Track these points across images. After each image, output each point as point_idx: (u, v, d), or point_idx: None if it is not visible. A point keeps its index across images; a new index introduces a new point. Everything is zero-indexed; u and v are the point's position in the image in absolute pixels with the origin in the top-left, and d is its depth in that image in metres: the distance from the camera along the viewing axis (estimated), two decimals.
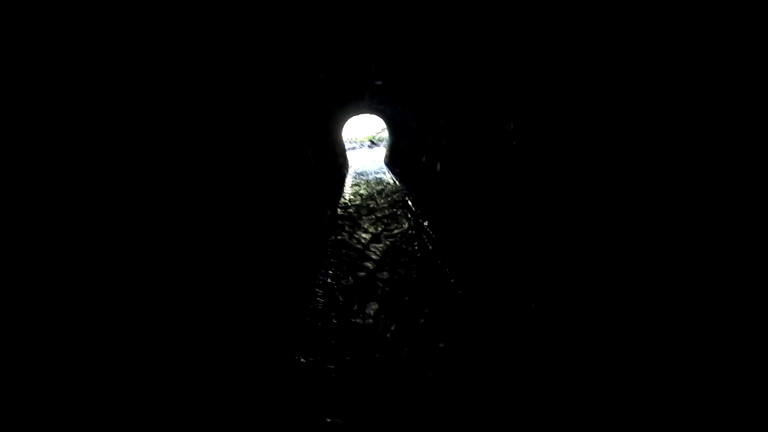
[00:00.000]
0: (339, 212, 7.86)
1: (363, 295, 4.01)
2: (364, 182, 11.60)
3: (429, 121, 7.78)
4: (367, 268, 4.74)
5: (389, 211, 7.75)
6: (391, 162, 13.37)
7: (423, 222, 6.49)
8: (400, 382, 2.75)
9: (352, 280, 4.36)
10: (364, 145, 25.29)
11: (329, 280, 4.32)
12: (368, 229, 6.55)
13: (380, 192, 9.83)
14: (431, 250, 5.22)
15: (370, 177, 12.52)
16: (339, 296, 3.98)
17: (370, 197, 9.31)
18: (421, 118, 8.31)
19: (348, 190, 10.49)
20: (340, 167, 10.98)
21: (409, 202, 8.20)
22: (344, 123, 13.20)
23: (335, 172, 9.64)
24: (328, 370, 2.89)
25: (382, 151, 20.84)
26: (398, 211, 7.63)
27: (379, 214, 7.58)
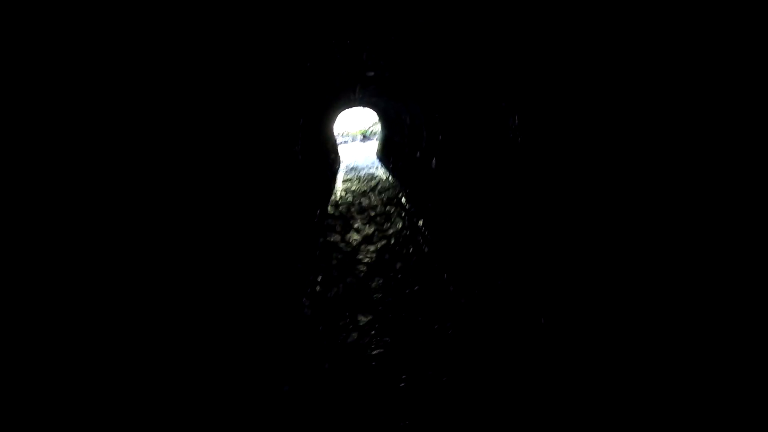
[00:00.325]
0: (330, 211, 7.52)
1: (354, 305, 3.70)
2: (356, 178, 11.25)
3: (424, 115, 7.44)
4: (359, 274, 4.43)
5: (382, 209, 7.43)
6: (384, 156, 13.03)
7: (418, 221, 6.18)
8: (395, 407, 2.44)
9: (342, 288, 4.04)
10: (356, 138, 24.88)
11: (318, 288, 4.00)
12: (360, 230, 6.23)
13: (373, 188, 9.50)
14: (427, 252, 4.91)
15: (362, 173, 12.18)
16: (328, 306, 3.66)
17: (362, 194, 8.98)
18: (416, 111, 7.98)
19: (339, 186, 10.14)
20: (331, 163, 10.62)
21: (402, 199, 7.88)
22: (336, 117, 12.82)
23: (326, 169, 9.28)
24: (316, 396, 2.58)
25: (374, 145, 20.45)
26: (391, 209, 7.31)
27: (372, 213, 7.26)
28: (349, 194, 9.11)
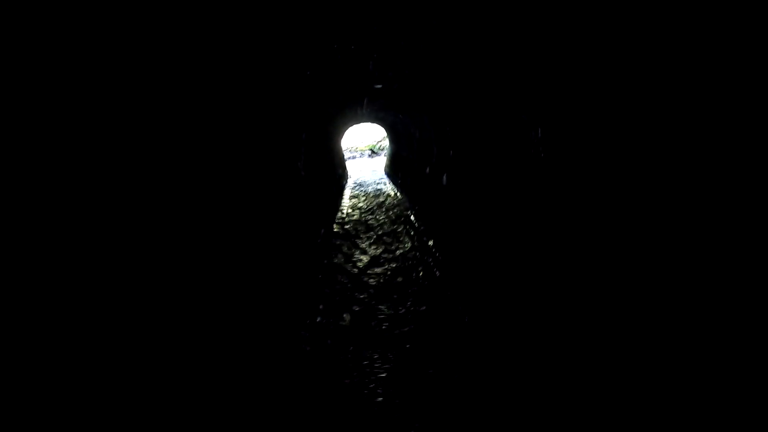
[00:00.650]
0: (335, 229, 7.18)
1: (359, 339, 3.31)
2: (363, 194, 10.95)
3: (433, 130, 7.14)
4: (365, 301, 4.05)
5: (390, 227, 7.08)
6: (392, 172, 12.74)
7: (428, 242, 5.80)
8: None
9: (347, 319, 3.66)
10: (364, 154, 24.72)
11: (319, 319, 3.63)
12: (367, 250, 5.86)
13: (380, 205, 9.16)
14: (438, 277, 4.52)
15: (370, 188, 11.88)
16: (329, 340, 3.28)
17: (369, 211, 8.65)
18: (425, 126, 7.68)
19: (346, 203, 9.83)
20: (338, 179, 10.34)
21: (411, 217, 7.52)
22: (343, 132, 12.61)
23: (333, 185, 8.99)
24: None
25: (382, 161, 20.25)
26: (399, 228, 6.95)
27: (379, 232, 6.90)
28: (356, 211, 8.78)
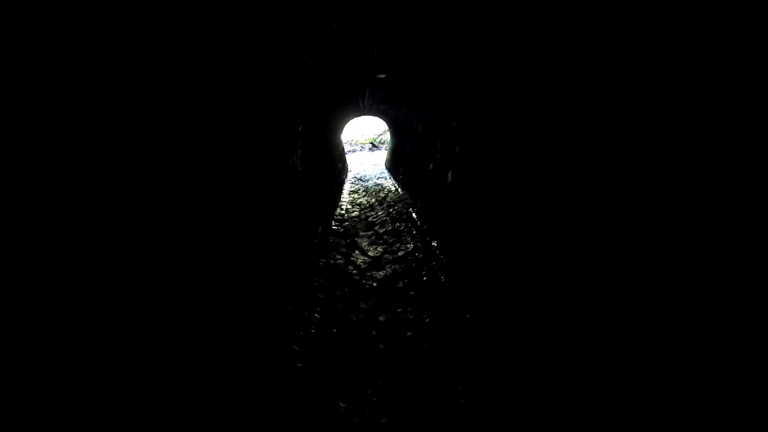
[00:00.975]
0: (334, 227, 6.85)
1: (358, 352, 3.00)
2: (363, 189, 10.61)
3: (439, 124, 6.79)
4: (365, 309, 3.73)
5: (391, 226, 6.75)
6: (393, 167, 12.39)
7: (432, 242, 5.48)
8: None
9: (344, 330, 3.35)
10: (365, 147, 24.31)
11: (312, 330, 3.31)
12: (367, 251, 5.54)
13: (381, 201, 8.83)
14: (444, 282, 4.21)
15: (370, 183, 11.53)
16: (323, 356, 2.97)
17: (369, 207, 8.32)
18: (429, 120, 7.33)
19: (346, 198, 9.50)
20: (338, 174, 9.99)
21: (413, 214, 7.20)
22: (344, 125, 12.24)
23: (332, 180, 8.65)
24: None
25: (383, 155, 19.87)
26: (401, 226, 6.63)
27: (380, 230, 6.58)
28: (356, 207, 8.45)
